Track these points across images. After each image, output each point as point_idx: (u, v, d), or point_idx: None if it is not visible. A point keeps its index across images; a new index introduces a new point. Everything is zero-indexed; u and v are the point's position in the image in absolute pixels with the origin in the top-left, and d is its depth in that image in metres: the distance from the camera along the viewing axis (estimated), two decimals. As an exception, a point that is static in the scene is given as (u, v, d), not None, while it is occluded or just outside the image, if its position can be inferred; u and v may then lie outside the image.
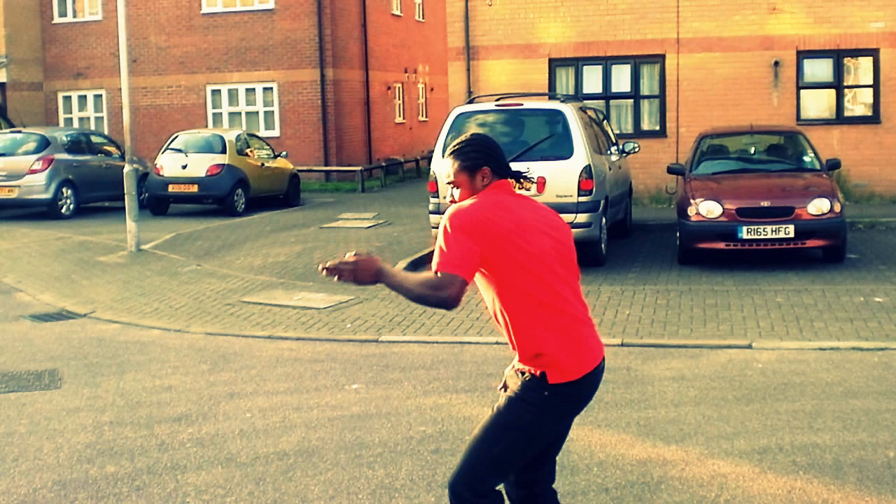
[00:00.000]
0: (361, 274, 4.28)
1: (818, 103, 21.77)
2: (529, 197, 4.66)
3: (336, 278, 4.30)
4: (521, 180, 4.60)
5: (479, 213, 4.34)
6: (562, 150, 14.00)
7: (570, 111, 14.22)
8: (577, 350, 4.40)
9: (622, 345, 10.21)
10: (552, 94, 17.29)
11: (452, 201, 4.55)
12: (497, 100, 15.19)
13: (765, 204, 13.90)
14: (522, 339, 4.38)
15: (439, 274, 4.22)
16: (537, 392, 4.38)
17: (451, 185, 4.55)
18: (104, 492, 6.51)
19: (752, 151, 16.82)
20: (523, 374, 4.43)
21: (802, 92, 21.53)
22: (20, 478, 6.80)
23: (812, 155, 15.86)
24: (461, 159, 4.51)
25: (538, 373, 4.37)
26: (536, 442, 4.50)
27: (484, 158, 4.51)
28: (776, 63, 21.26)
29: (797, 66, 21.36)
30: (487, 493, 4.48)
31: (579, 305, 4.51)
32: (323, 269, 4.31)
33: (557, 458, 6.78)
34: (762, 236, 13.71)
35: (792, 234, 13.67)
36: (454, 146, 4.57)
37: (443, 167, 4.63)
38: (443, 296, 4.21)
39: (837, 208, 13.85)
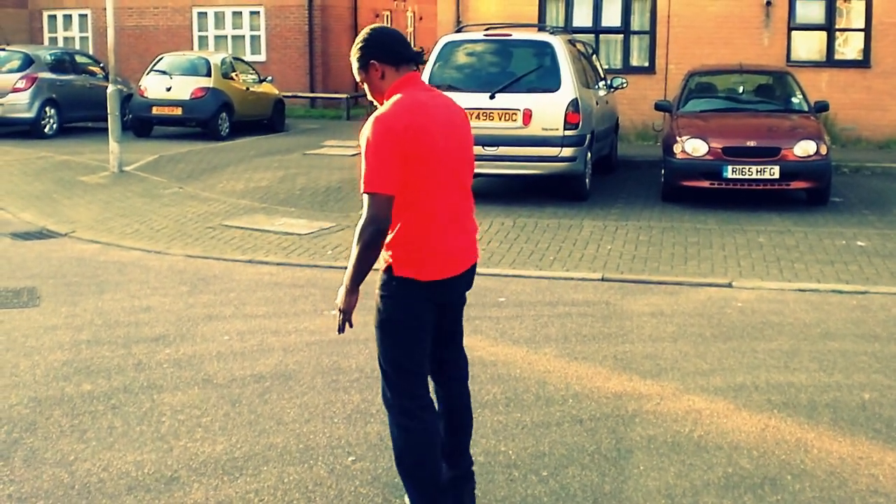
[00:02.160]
0: (346, 303, 4.55)
1: (809, 45, 21.62)
2: (438, 91, 4.76)
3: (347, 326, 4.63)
4: (419, 62, 4.65)
5: (399, 121, 4.36)
6: (549, 82, 13.89)
7: (558, 43, 14.10)
8: (434, 256, 4.50)
9: (602, 279, 10.20)
10: (541, 26, 17.13)
11: (371, 101, 4.66)
12: (486, 30, 15.05)
13: (751, 144, 13.86)
14: (392, 230, 4.45)
15: (369, 196, 4.29)
16: (388, 285, 4.52)
17: (361, 84, 4.65)
18: (80, 409, 6.50)
19: (741, 91, 16.72)
20: (377, 270, 4.55)
21: (793, 33, 21.36)
22: (-5, 393, 6.79)
23: (800, 97, 15.80)
24: (355, 59, 4.59)
25: (386, 265, 4.50)
26: (417, 332, 4.59)
27: (371, 52, 4.55)
28: (768, 3, 21.08)
29: (789, 6, 21.17)
30: (413, 395, 4.63)
31: (463, 213, 4.64)
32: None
33: (533, 389, 6.84)
34: (747, 176, 13.68)
35: (777, 175, 13.64)
36: (353, 47, 4.64)
37: None
38: (376, 226, 4.30)
39: (824, 151, 13.81)
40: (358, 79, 4.64)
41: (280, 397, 6.75)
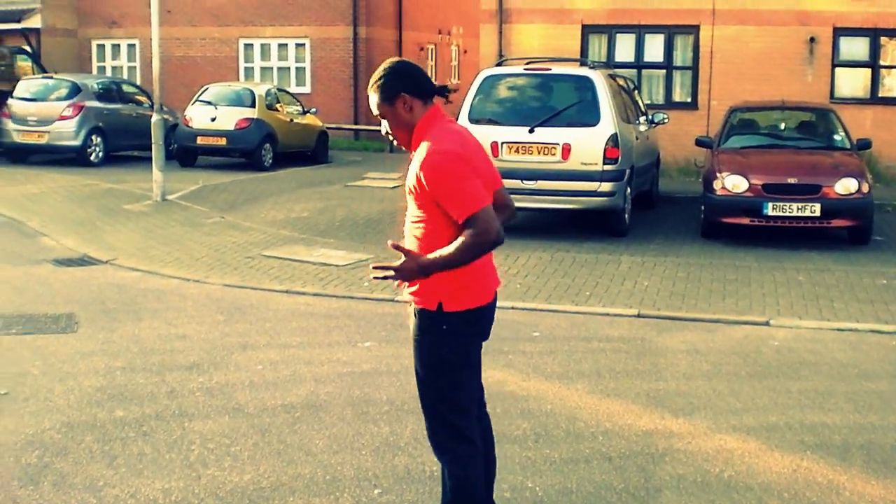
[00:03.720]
0: (409, 275, 4.39)
1: (853, 82, 21.51)
2: (459, 124, 4.74)
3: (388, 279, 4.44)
4: (446, 95, 4.62)
5: (461, 149, 4.39)
6: (588, 116, 13.90)
7: (598, 78, 14.11)
8: (480, 280, 4.53)
9: (638, 315, 10.16)
10: (582, 60, 17.17)
11: (387, 134, 4.61)
12: (526, 64, 15.09)
13: (792, 181, 13.77)
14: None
15: (475, 216, 4.26)
16: (436, 326, 4.48)
17: (380, 118, 4.59)
18: (111, 435, 6.55)
19: (783, 127, 16.65)
20: (419, 308, 4.51)
21: (837, 70, 21.28)
22: (29, 418, 6.85)
23: (842, 133, 15.69)
24: (378, 91, 4.52)
25: (435, 305, 4.45)
26: (469, 368, 4.63)
27: (400, 85, 4.49)
28: (812, 39, 21.01)
29: (833, 43, 21.09)
30: (458, 437, 4.60)
31: None
32: (373, 272, 4.49)
33: (563, 425, 6.82)
34: (787, 213, 13.59)
35: (818, 213, 13.54)
36: (372, 79, 4.57)
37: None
38: (491, 235, 4.28)
39: (865, 188, 13.70)
40: (377, 112, 4.56)
41: (309, 427, 6.76)
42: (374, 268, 4.46)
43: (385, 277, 4.42)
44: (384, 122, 4.57)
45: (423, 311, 4.49)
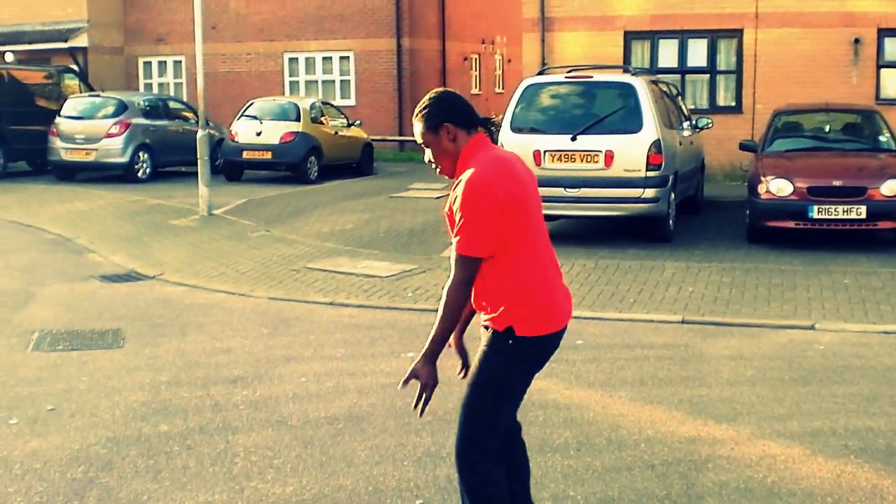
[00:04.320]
0: (426, 376, 4.60)
1: (899, 83, 21.30)
2: (505, 150, 4.78)
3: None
4: (490, 127, 4.66)
5: (494, 179, 4.39)
6: (631, 123, 13.86)
7: (640, 84, 14.07)
8: (549, 308, 4.53)
9: (682, 322, 10.12)
10: (624, 67, 17.12)
11: (430, 161, 4.64)
12: (568, 72, 15.08)
13: (837, 183, 13.65)
14: (498, 293, 4.48)
15: (465, 259, 4.37)
16: (504, 344, 4.49)
17: (425, 146, 4.63)
18: (155, 449, 6.63)
19: (827, 129, 16.51)
20: (488, 328, 4.55)
21: (882, 71, 21.06)
22: (75, 433, 6.94)
23: (888, 135, 15.53)
24: (423, 120, 4.57)
25: (504, 327, 4.47)
26: (519, 393, 4.65)
27: (444, 114, 4.54)
28: (856, 41, 20.82)
29: (878, 44, 20.90)
30: (486, 458, 4.59)
31: (555, 263, 4.66)
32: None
33: (605, 433, 6.81)
34: (833, 216, 13.47)
35: (864, 215, 13.41)
36: (417, 108, 4.61)
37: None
38: (463, 288, 4.42)
39: (912, 190, 13.57)
40: (421, 141, 4.60)
41: (352, 439, 6.80)
42: (414, 408, 4.68)
43: (425, 398, 4.65)
44: (427, 151, 4.62)
45: (495, 332, 4.53)
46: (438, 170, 4.64)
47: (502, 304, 4.46)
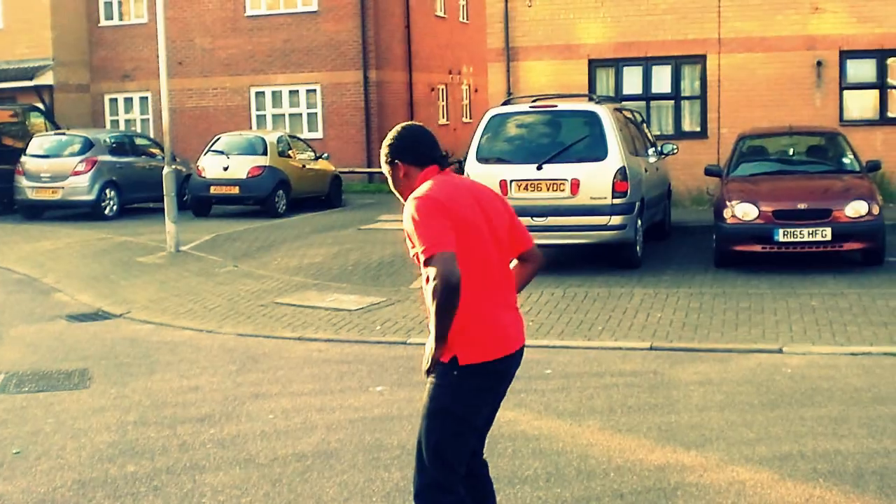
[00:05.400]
0: (431, 355, 4.47)
1: (861, 104, 21.45)
2: (461, 176, 4.86)
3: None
4: (444, 164, 4.70)
5: (439, 195, 4.45)
6: (596, 151, 13.92)
7: (604, 112, 14.14)
8: (493, 333, 4.51)
9: (651, 348, 10.14)
10: (588, 95, 17.21)
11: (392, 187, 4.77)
12: (532, 101, 15.15)
13: (801, 206, 13.75)
14: None
15: (432, 258, 4.28)
16: (449, 375, 4.48)
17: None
18: (122, 491, 6.56)
19: (791, 153, 16.63)
20: (437, 360, 4.52)
21: (845, 92, 21.24)
22: (41, 476, 6.87)
23: (851, 156, 15.66)
24: (382, 156, 4.72)
25: (449, 357, 4.46)
26: (470, 425, 4.59)
27: (396, 152, 4.66)
28: (819, 63, 21.01)
29: (840, 66, 21.08)
30: (446, 494, 4.55)
31: (506, 289, 4.65)
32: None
33: (574, 464, 6.80)
34: (799, 239, 13.56)
35: (829, 237, 13.50)
36: (384, 143, 4.74)
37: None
38: (447, 282, 4.24)
39: (876, 210, 13.67)
40: (384, 170, 4.75)
41: (321, 476, 6.76)
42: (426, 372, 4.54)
43: (433, 368, 4.51)
44: (389, 179, 4.76)
45: (440, 364, 4.50)
46: (399, 196, 4.74)
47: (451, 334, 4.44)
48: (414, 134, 4.71)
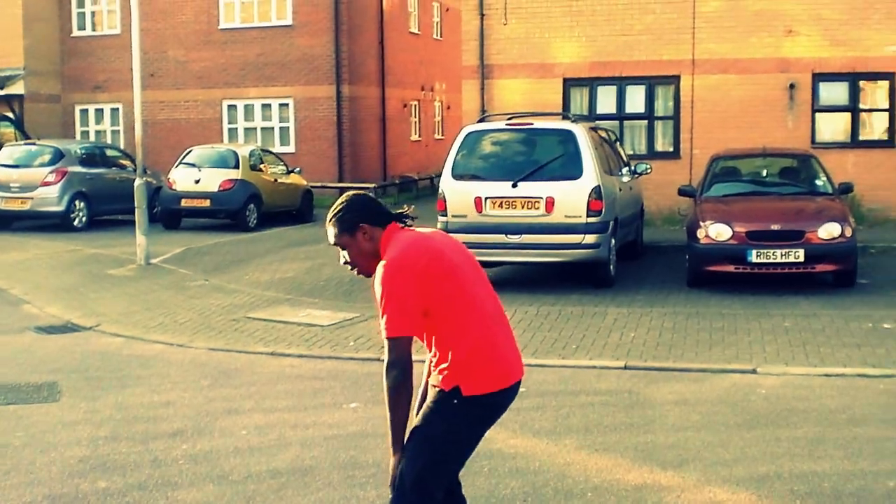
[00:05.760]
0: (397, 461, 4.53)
1: (833, 126, 21.63)
2: (431, 230, 4.79)
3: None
4: (404, 221, 4.67)
5: (407, 258, 4.41)
6: (571, 169, 13.92)
7: (579, 131, 14.16)
8: (497, 365, 4.50)
9: (625, 368, 10.11)
10: (563, 114, 17.24)
11: (346, 263, 4.67)
12: (508, 119, 15.15)
13: (775, 227, 13.80)
14: (443, 356, 4.49)
15: (389, 342, 4.35)
16: (448, 403, 4.47)
17: (340, 248, 4.65)
18: (93, 508, 6.47)
19: (765, 174, 16.71)
20: (437, 388, 4.53)
21: (818, 115, 21.39)
22: (10, 491, 6.76)
23: (824, 178, 15.75)
24: (337, 225, 4.61)
25: (451, 386, 4.45)
26: (459, 455, 4.59)
27: (359, 216, 4.58)
28: (791, 85, 21.14)
29: (812, 88, 21.23)
30: None
31: (502, 322, 4.64)
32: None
33: (552, 483, 6.75)
34: (772, 260, 13.60)
35: (802, 259, 13.55)
36: (331, 214, 4.64)
37: (329, 234, 4.70)
38: (400, 370, 4.33)
39: (849, 232, 13.73)
40: (335, 241, 4.63)
41: (296, 493, 6.68)
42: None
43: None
44: (343, 253, 4.64)
45: (440, 391, 4.51)
46: (356, 271, 4.66)
47: (447, 366, 4.46)
48: (368, 197, 4.68)
